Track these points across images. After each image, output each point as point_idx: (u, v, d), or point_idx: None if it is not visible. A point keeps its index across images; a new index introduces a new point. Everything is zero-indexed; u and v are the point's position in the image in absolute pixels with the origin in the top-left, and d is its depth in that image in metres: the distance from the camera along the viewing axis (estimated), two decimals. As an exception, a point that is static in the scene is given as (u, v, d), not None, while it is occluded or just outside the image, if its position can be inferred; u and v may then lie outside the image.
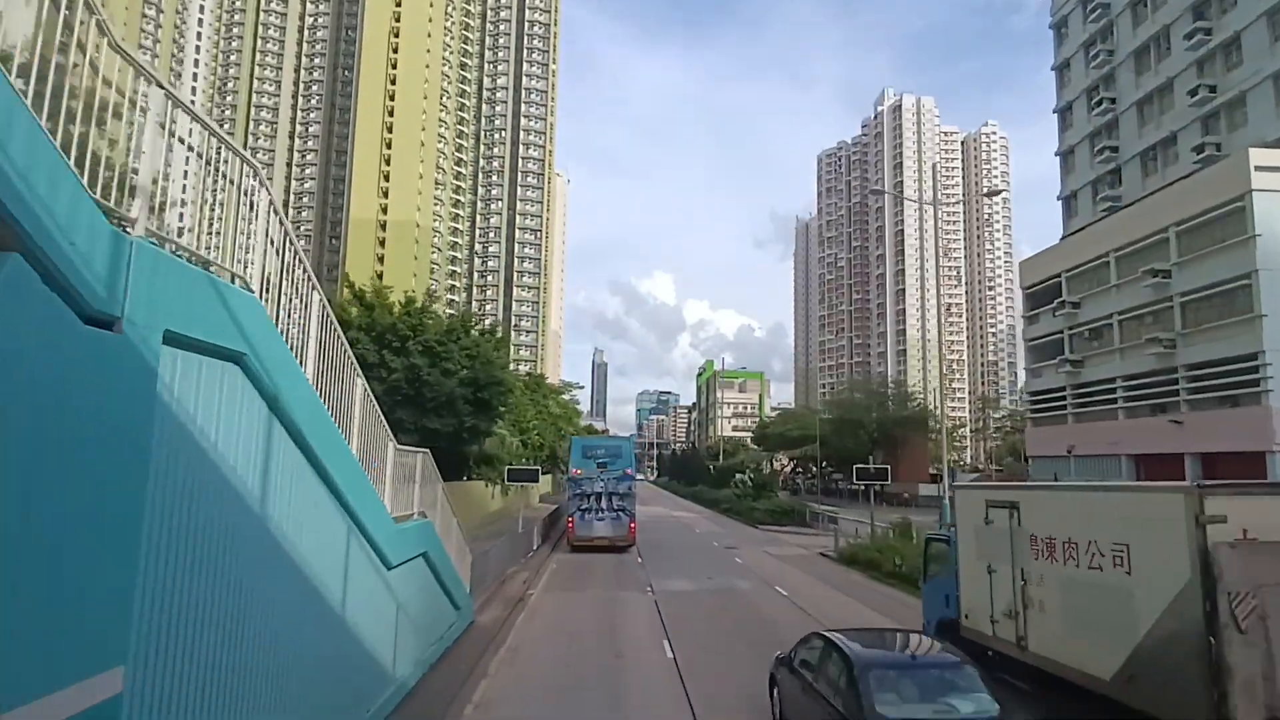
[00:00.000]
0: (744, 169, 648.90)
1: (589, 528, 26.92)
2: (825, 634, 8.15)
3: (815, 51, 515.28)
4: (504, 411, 35.28)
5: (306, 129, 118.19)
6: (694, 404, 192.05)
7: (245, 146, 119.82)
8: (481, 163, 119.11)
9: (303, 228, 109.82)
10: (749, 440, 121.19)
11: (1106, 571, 7.50)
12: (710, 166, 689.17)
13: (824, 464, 72.34)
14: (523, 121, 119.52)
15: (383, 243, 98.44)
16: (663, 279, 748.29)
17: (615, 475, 27.29)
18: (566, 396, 61.05)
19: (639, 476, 34.72)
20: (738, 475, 53.48)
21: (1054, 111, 41.30)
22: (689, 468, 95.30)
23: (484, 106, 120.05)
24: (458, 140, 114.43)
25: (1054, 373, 37.44)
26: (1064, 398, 36.78)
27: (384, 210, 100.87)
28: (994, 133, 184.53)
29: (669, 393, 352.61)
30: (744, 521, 42.19)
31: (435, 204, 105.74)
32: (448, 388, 28.23)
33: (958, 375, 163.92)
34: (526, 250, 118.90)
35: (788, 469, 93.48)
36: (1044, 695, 8.54)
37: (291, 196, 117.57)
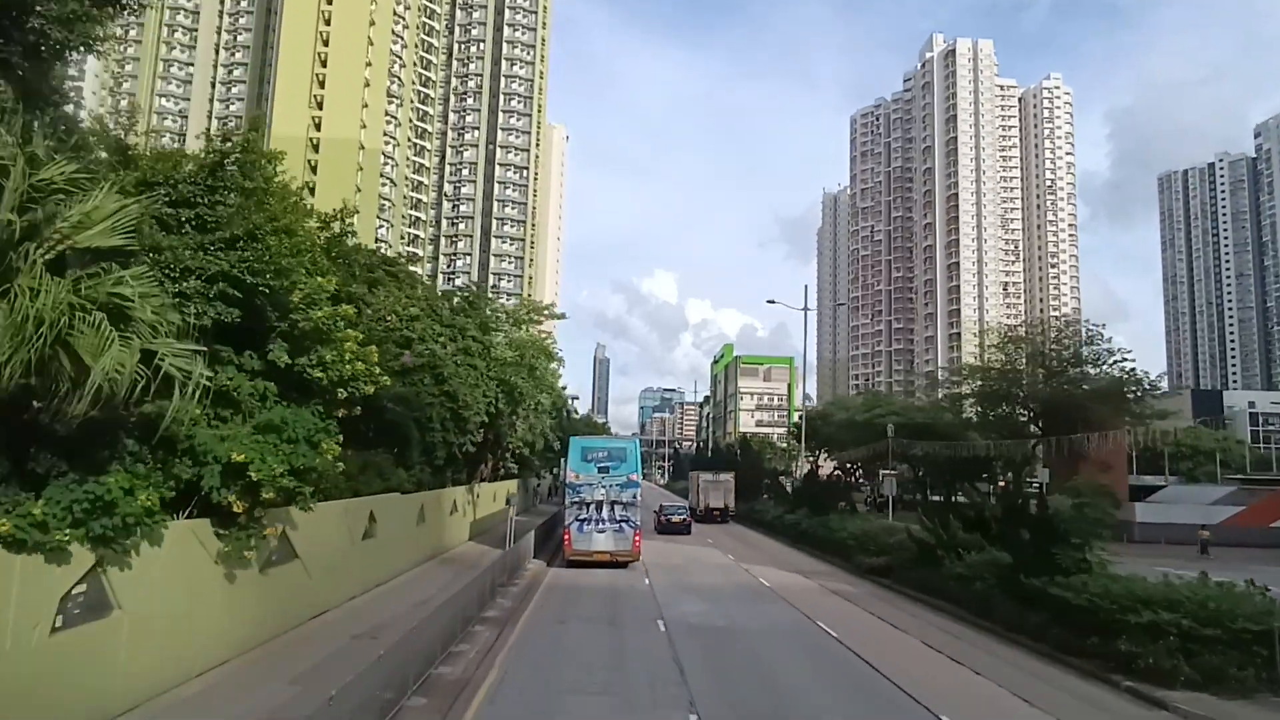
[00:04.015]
0: (748, 168, 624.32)
1: (588, 540, 24.60)
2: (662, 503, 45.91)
3: (822, 49, 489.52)
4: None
5: (234, 38, 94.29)
6: (707, 397, 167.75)
7: (156, 58, 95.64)
8: (454, 83, 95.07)
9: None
10: (775, 436, 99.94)
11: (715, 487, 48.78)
12: (713, 165, 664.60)
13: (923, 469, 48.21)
14: (507, 32, 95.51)
15: (314, 167, 73.99)
16: (664, 278, 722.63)
17: (619, 481, 25.10)
18: (535, 330, 35.31)
19: (639, 480, 25.03)
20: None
21: None
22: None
23: (458, 13, 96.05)
24: (423, 54, 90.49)
25: None
26: None
27: (317, 125, 76.93)
28: (1056, 87, 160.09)
29: (674, 389, 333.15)
30: (984, 631, 16.01)
31: (388, 123, 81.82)
32: None
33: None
34: (509, 193, 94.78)
35: (825, 471, 68.02)
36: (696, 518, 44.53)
37: (214, 121, 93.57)
